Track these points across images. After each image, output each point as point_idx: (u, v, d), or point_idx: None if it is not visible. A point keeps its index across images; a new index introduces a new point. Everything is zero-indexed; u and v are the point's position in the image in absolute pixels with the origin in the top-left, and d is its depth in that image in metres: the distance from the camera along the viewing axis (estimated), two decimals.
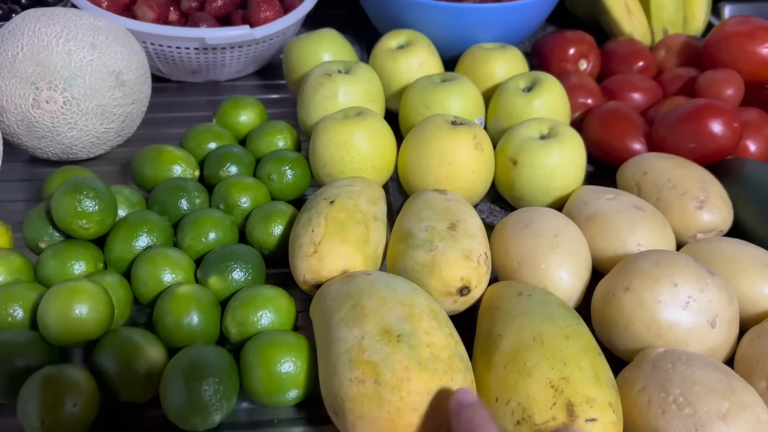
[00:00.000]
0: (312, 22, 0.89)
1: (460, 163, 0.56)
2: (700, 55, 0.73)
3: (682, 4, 0.83)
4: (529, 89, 0.64)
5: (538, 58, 0.77)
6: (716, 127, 0.58)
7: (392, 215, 0.60)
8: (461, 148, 0.56)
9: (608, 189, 0.56)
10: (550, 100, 0.63)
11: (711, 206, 0.54)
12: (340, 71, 0.64)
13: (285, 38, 0.74)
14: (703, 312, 0.43)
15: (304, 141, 0.65)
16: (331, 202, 0.50)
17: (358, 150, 0.57)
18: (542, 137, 0.59)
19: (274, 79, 0.79)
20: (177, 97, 0.75)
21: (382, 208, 0.53)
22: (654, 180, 0.56)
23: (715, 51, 0.69)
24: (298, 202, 0.58)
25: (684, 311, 0.43)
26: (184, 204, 0.54)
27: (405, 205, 0.54)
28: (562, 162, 0.57)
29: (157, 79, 0.76)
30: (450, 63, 0.73)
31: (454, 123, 0.58)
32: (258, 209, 0.54)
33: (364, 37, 0.88)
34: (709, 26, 0.89)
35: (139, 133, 0.68)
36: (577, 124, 0.68)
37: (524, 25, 0.75)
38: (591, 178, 0.66)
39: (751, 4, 0.90)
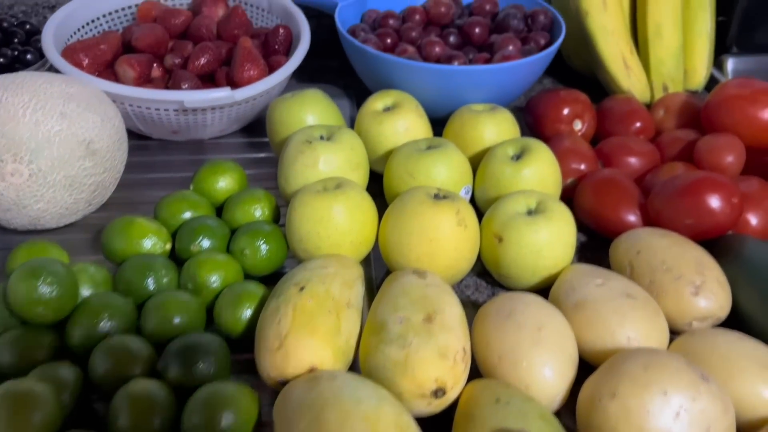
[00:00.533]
0: (303, 74, 0.88)
1: (442, 240, 0.53)
2: (700, 114, 0.70)
3: (682, 58, 0.80)
4: (518, 157, 0.61)
5: (532, 116, 0.74)
6: (714, 202, 0.55)
7: (372, 290, 0.58)
8: (443, 225, 0.53)
9: (598, 271, 0.53)
10: (540, 170, 0.60)
11: (707, 292, 0.50)
12: (322, 137, 0.61)
13: (270, 97, 0.72)
14: (694, 423, 0.40)
15: (283, 206, 0.62)
16: (301, 289, 0.47)
17: (336, 226, 0.54)
18: (529, 212, 0.56)
19: (261, 137, 0.77)
20: (158, 155, 0.73)
21: (357, 291, 0.50)
22: (647, 260, 0.53)
23: (714, 114, 0.67)
24: (276, 276, 0.55)
25: (674, 422, 0.39)
26: (150, 284, 0.52)
27: (382, 287, 0.51)
28: (550, 240, 0.54)
29: (138, 137, 0.74)
30: (441, 122, 0.70)
31: (437, 197, 0.55)
32: (227, 290, 0.51)
33: (356, 89, 0.86)
34: (711, 79, 0.87)
35: (117, 196, 0.66)
36: (570, 190, 0.65)
37: (516, 85, 0.73)
38: (584, 249, 0.63)
39: (755, 57, 0.88)
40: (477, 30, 0.76)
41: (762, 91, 0.65)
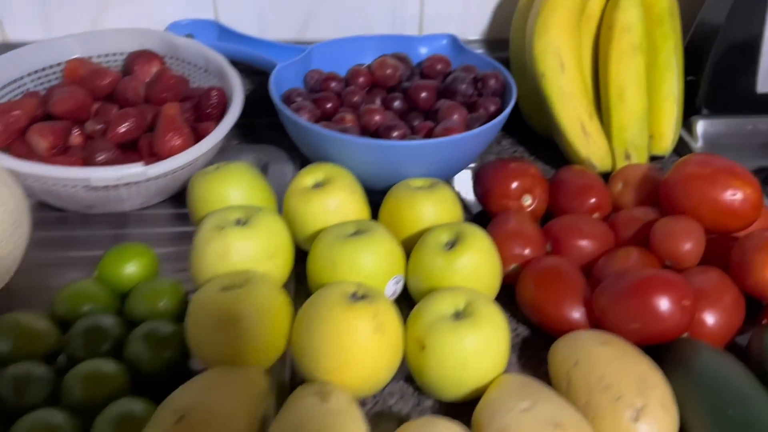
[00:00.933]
0: (248, 132, 0.83)
1: (356, 349, 0.48)
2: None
3: (646, 122, 0.75)
4: (452, 245, 0.56)
5: (480, 188, 0.69)
6: (662, 305, 0.50)
7: (285, 395, 0.52)
8: (357, 332, 0.48)
9: (529, 387, 0.47)
10: (475, 260, 0.55)
11: (649, 417, 0.44)
12: (239, 221, 0.56)
13: (196, 167, 0.66)
14: None
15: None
16: (180, 419, 0.41)
17: (239, 333, 0.48)
18: (457, 315, 0.50)
19: None
20: (78, 230, 0.68)
21: (251, 414, 0.44)
22: (585, 375, 0.47)
23: (672, 194, 0.61)
24: (182, 378, 0.49)
25: None
26: (28, 399, 0.46)
27: (280, 411, 0.45)
28: (477, 350, 0.48)
29: (55, 209, 0.68)
30: (383, 192, 0.64)
31: (354, 296, 0.50)
32: (108, 411, 0.45)
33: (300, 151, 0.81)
34: (681, 142, 0.81)
35: (21, 280, 0.60)
36: (513, 277, 0.59)
37: (460, 158, 0.68)
38: (525, 346, 0.57)
39: (726, 119, 0.83)
40: (423, 95, 0.71)
41: (723, 170, 0.59)
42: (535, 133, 0.84)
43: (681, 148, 0.82)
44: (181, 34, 0.81)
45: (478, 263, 0.55)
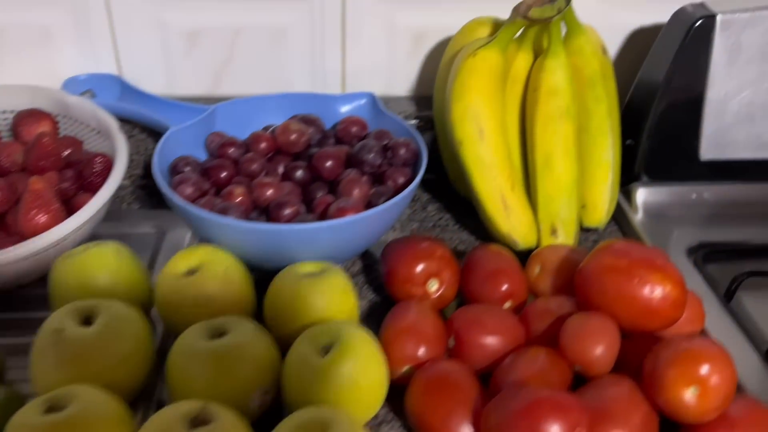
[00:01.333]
0: (154, 194, 0.77)
1: None
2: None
3: (575, 193, 0.68)
4: (327, 350, 0.49)
5: (384, 269, 0.62)
6: None
7: None
8: None
9: None
10: (352, 371, 0.48)
11: None
12: (87, 321, 0.49)
13: (66, 246, 0.60)
14: None
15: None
16: None
17: None
18: None
19: None
20: None
21: None
22: None
23: (587, 287, 0.55)
24: None
25: None
26: None
27: None
28: None
29: None
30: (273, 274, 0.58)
31: (194, 422, 0.43)
32: None
33: None
34: (620, 212, 0.75)
35: None
36: (407, 379, 0.52)
37: (358, 239, 0.61)
38: None
39: (667, 187, 0.77)
40: (328, 164, 0.65)
41: (641, 262, 0.53)
42: (464, 198, 0.77)
43: (621, 218, 0.75)
44: (79, 91, 0.75)
45: (356, 374, 0.48)
